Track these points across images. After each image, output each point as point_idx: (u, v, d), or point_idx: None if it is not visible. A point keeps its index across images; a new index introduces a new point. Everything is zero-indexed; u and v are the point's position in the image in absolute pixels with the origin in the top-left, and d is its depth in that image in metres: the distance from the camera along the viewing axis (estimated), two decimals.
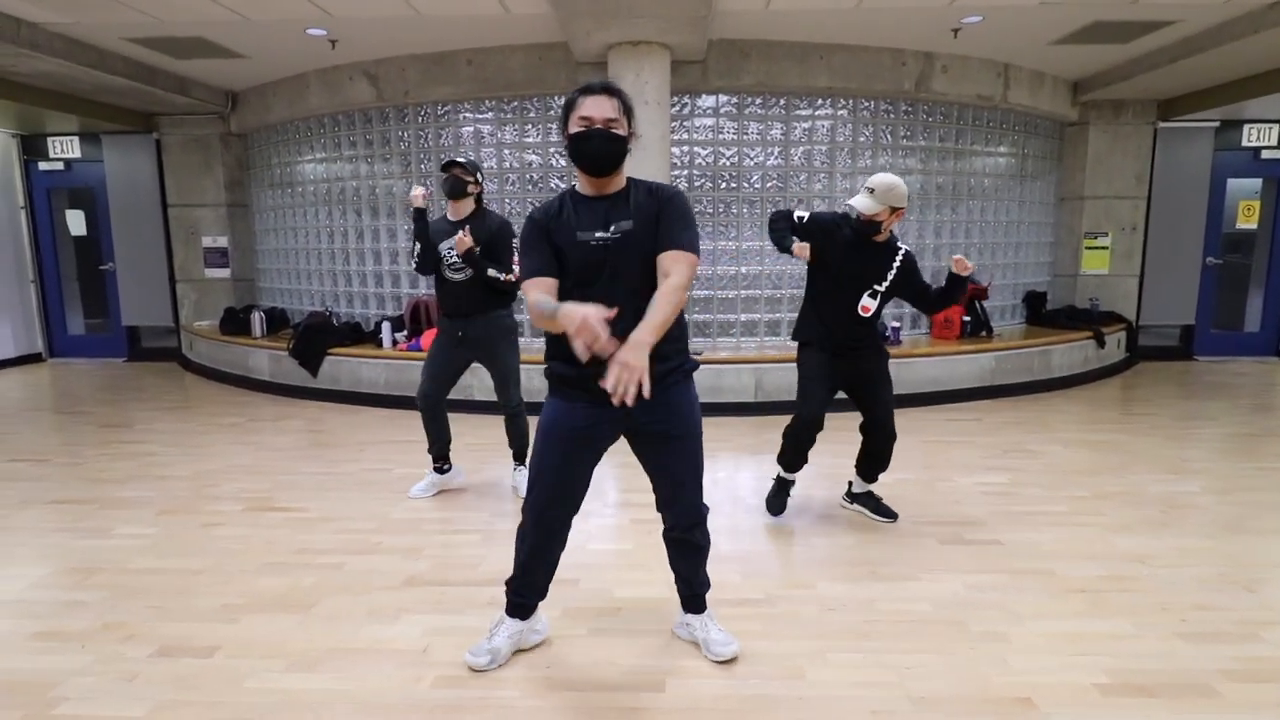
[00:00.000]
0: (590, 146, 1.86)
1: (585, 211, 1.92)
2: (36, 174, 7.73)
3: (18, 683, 2.06)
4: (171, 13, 4.70)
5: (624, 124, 1.89)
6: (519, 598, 2.13)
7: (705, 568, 2.21)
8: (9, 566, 2.83)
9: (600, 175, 1.90)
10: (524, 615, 2.15)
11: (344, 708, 1.92)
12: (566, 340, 1.71)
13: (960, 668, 2.09)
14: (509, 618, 2.13)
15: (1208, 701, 1.94)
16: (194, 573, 2.75)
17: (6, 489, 3.76)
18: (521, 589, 2.13)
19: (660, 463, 2.04)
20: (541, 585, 2.15)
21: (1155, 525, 3.18)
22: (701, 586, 2.22)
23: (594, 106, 1.86)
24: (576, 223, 1.90)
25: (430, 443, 3.56)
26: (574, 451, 1.98)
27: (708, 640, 2.16)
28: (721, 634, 2.17)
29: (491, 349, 3.44)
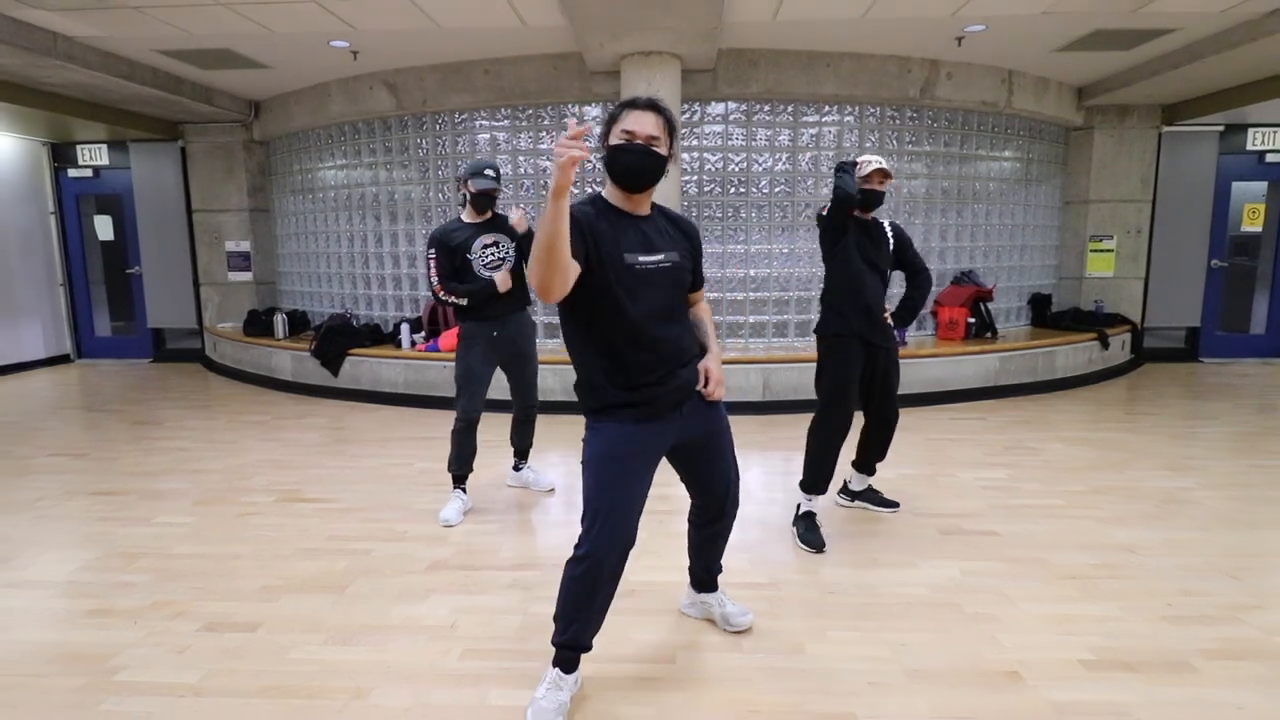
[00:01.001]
0: (630, 160, 1.83)
1: (624, 227, 1.87)
2: (66, 181, 7.98)
3: (78, 654, 2.23)
4: (201, 26, 4.90)
5: (665, 142, 1.87)
6: (575, 652, 1.96)
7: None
8: (60, 550, 3.02)
9: (636, 190, 1.88)
10: (575, 667, 1.97)
11: (379, 676, 2.08)
12: (621, 366, 1.85)
13: (953, 645, 2.23)
14: (565, 674, 1.95)
15: (1186, 677, 2.07)
16: (233, 557, 2.92)
17: (50, 480, 3.96)
18: (581, 642, 1.95)
19: (711, 464, 2.07)
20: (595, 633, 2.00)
21: (1149, 518, 3.30)
22: (719, 569, 2.36)
23: (638, 121, 1.83)
24: (618, 239, 1.84)
25: (461, 462, 3.42)
26: (645, 473, 1.93)
27: (725, 614, 2.31)
28: (737, 607, 2.34)
29: (523, 347, 3.47)
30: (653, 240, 1.90)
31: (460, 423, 3.38)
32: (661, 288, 1.89)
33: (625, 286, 1.83)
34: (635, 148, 1.83)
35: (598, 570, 1.85)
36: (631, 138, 1.83)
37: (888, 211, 6.07)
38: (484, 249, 3.36)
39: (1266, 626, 2.34)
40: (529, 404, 3.60)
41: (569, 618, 1.91)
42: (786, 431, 4.78)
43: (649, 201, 1.95)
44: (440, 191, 6.34)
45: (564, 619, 1.92)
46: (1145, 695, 1.98)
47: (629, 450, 1.89)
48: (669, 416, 1.92)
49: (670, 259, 1.90)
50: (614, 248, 1.82)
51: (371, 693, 2.01)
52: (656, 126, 1.84)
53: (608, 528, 1.85)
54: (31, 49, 4.87)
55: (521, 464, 3.79)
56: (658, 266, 1.87)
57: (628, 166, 1.84)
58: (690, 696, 2.00)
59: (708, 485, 2.12)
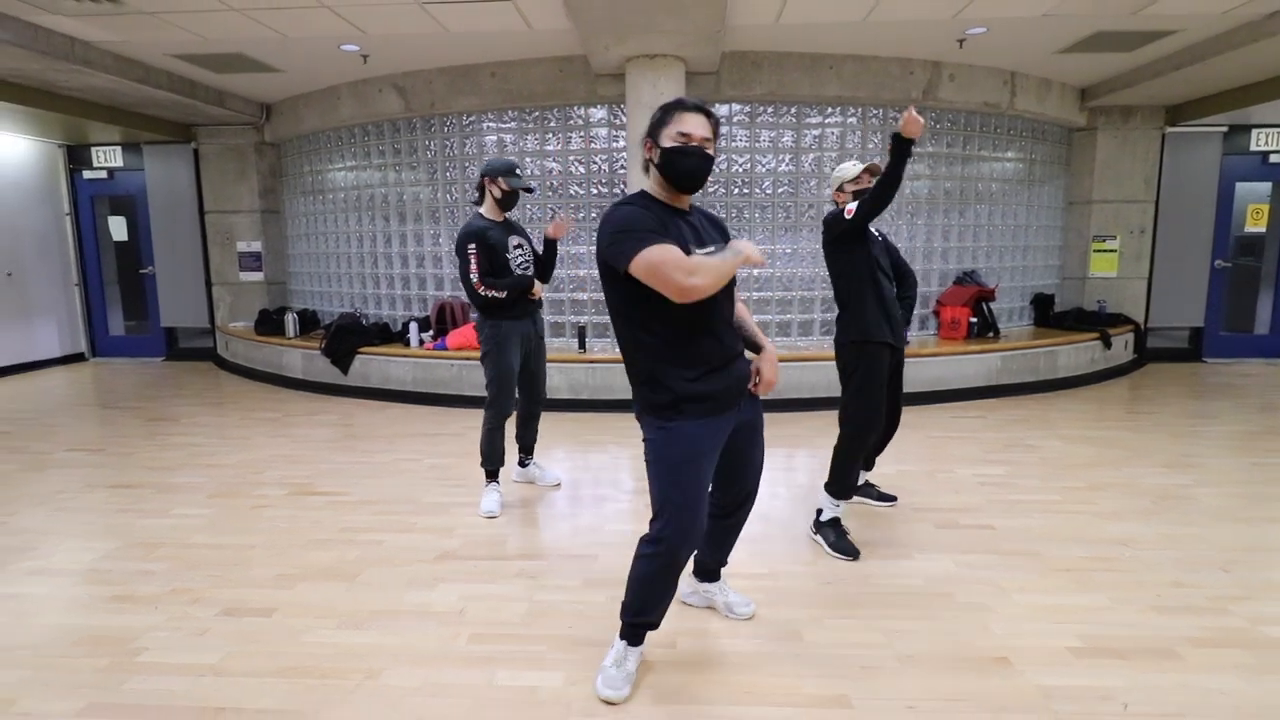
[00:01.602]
0: (690, 164, 1.89)
1: (676, 222, 1.93)
2: (81, 182, 8.13)
3: (102, 637, 2.33)
4: (215, 31, 5.01)
5: (713, 145, 1.94)
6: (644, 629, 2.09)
7: None
8: (81, 540, 3.12)
9: (692, 191, 1.96)
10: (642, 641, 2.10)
11: (390, 658, 2.17)
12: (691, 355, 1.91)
13: (945, 632, 2.30)
14: (632, 646, 2.07)
15: (1170, 663, 2.13)
16: (248, 547, 3.01)
17: (70, 474, 4.06)
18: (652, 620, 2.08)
19: (749, 453, 2.12)
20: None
21: (1144, 514, 3.35)
22: (726, 560, 2.40)
23: (694, 124, 1.89)
24: (677, 234, 1.90)
25: (496, 458, 3.48)
26: (712, 466, 2.00)
27: (729, 603, 2.40)
28: (740, 596, 2.43)
29: (539, 344, 3.53)
30: (700, 233, 1.97)
31: (495, 421, 3.43)
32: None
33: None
34: (694, 150, 1.88)
35: (672, 559, 1.95)
36: (688, 140, 1.88)
37: (891, 211, 6.13)
38: (515, 249, 3.41)
39: (1253, 617, 2.40)
40: (538, 399, 3.66)
41: (642, 597, 2.02)
42: (788, 430, 4.84)
43: (689, 198, 2.02)
44: (448, 192, 6.43)
45: (637, 598, 2.03)
46: (1131, 680, 2.04)
47: (707, 449, 1.96)
48: (736, 406, 2.01)
49: (718, 251, 1.93)
50: (679, 241, 1.87)
51: (383, 673, 2.09)
52: (707, 128, 1.91)
53: (683, 522, 1.93)
54: (50, 54, 4.99)
55: (527, 460, 3.84)
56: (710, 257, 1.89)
57: (689, 171, 1.90)
58: (690, 679, 2.07)
59: (742, 476, 2.14)
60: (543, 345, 3.60)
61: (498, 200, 3.37)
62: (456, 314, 6.30)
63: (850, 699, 1.97)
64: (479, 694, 2.00)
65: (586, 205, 6.09)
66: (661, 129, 1.91)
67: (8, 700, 2.00)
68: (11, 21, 4.65)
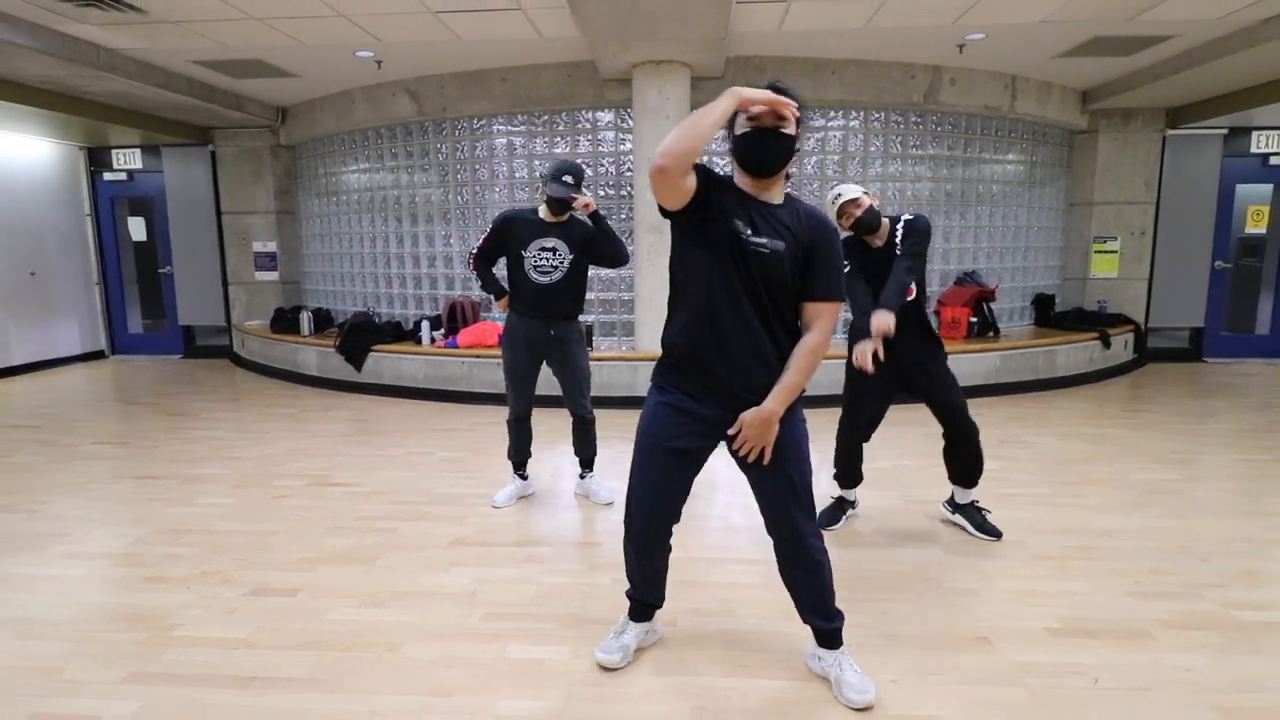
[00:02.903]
0: (760, 145, 1.79)
1: (747, 205, 1.83)
2: (101, 184, 8.34)
3: (138, 614, 2.49)
4: (236, 39, 5.19)
5: (794, 128, 1.81)
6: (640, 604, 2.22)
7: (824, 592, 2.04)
8: (114, 527, 3.29)
9: (764, 175, 1.83)
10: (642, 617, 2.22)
11: (408, 634, 2.32)
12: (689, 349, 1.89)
13: (929, 614, 2.43)
14: (632, 621, 2.21)
15: (1142, 643, 2.26)
16: (271, 533, 3.18)
17: (97, 466, 4.24)
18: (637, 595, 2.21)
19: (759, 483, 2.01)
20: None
21: (1130, 506, 3.47)
22: (823, 619, 2.06)
23: (783, 111, 1.76)
24: (736, 210, 1.81)
25: (514, 450, 3.57)
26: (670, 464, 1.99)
27: (840, 680, 1.98)
28: (858, 676, 1.98)
29: (569, 349, 3.36)
30: (771, 224, 1.82)
31: (509, 416, 3.49)
32: (756, 275, 1.81)
33: (728, 249, 1.80)
34: (761, 131, 1.78)
35: (627, 533, 2.09)
36: (757, 122, 1.78)
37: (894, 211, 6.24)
38: (540, 251, 3.27)
39: (1225, 602, 2.52)
40: (577, 411, 3.48)
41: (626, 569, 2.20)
42: None
43: (779, 189, 1.88)
44: (459, 194, 6.59)
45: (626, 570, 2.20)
46: (1102, 658, 2.17)
47: (660, 437, 1.95)
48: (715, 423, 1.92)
49: (774, 246, 1.80)
50: (730, 214, 1.81)
51: (402, 647, 2.24)
52: (787, 107, 1.76)
53: (629, 500, 2.04)
54: (76, 60, 5.18)
55: (584, 473, 3.66)
56: (760, 248, 1.80)
57: (755, 154, 1.81)
58: (689, 653, 2.22)
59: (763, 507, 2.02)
60: (571, 354, 3.38)
61: (546, 203, 3.31)
62: (467, 313, 6.46)
63: None
64: (491, 665, 2.14)
65: None
66: (737, 116, 1.82)
67: (55, 669, 2.16)
68: (42, 30, 4.84)
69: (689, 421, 1.93)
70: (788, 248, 1.81)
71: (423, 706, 1.96)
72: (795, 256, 1.82)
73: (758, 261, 1.80)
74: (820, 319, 1.85)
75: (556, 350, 3.38)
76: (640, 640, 2.22)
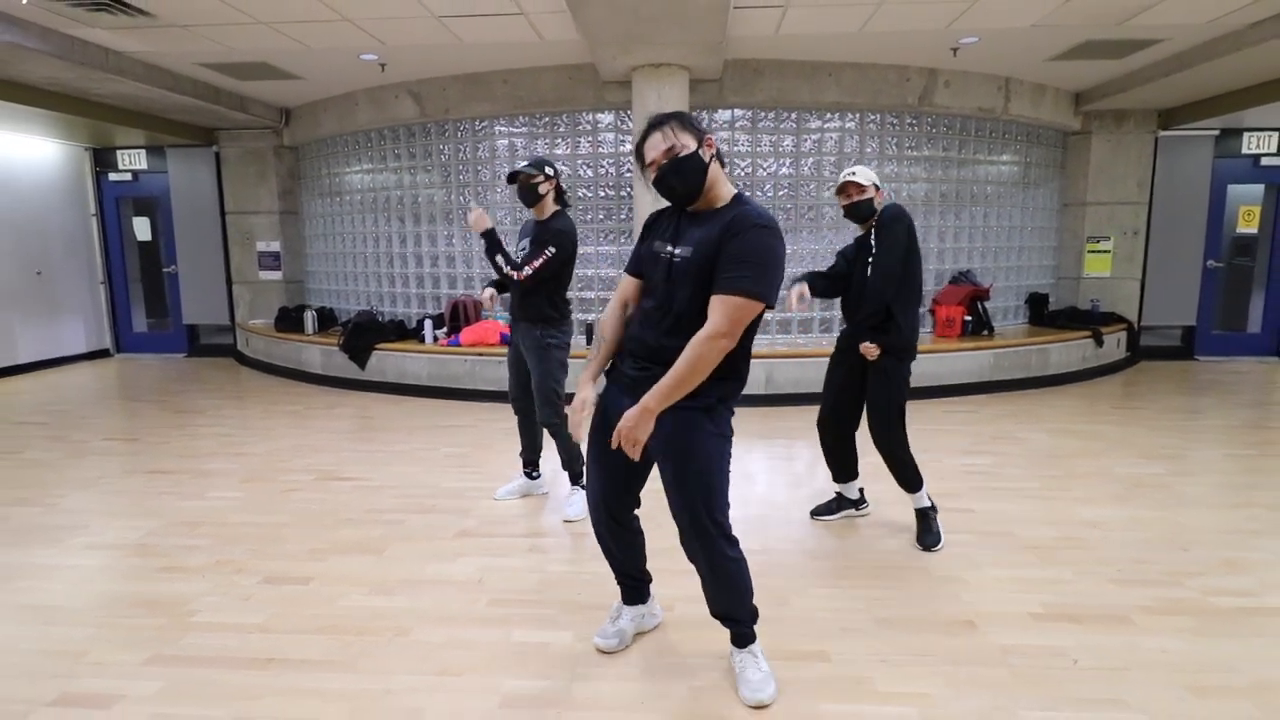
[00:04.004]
0: (664, 186, 1.88)
1: (678, 222, 1.93)
2: (106, 184, 8.43)
3: (157, 601, 2.58)
4: (242, 42, 5.27)
5: (689, 140, 1.83)
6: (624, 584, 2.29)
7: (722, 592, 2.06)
8: (129, 519, 3.38)
9: (685, 204, 1.91)
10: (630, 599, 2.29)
11: (417, 619, 2.42)
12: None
13: (918, 600, 2.53)
14: (624, 605, 2.29)
15: (1121, 627, 2.36)
16: (281, 525, 3.27)
17: (109, 461, 4.34)
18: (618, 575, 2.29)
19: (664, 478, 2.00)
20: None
21: (1115, 499, 3.57)
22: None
23: (650, 149, 1.86)
24: (662, 229, 1.97)
25: (523, 447, 3.62)
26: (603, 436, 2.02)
27: (741, 677, 2.03)
28: (759, 675, 2.02)
29: (528, 354, 3.31)
30: (693, 234, 1.86)
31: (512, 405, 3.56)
32: (670, 285, 1.86)
33: (647, 272, 1.98)
34: (661, 170, 1.85)
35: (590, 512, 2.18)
36: (654, 168, 1.87)
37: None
38: (520, 247, 3.38)
39: (1204, 589, 2.62)
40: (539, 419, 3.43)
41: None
42: (788, 423, 5.07)
43: (714, 198, 1.89)
44: (461, 195, 6.68)
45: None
46: (1082, 641, 2.27)
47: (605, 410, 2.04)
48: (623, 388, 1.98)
49: (682, 254, 1.85)
50: (653, 238, 1.97)
51: (412, 631, 2.34)
52: (668, 138, 1.83)
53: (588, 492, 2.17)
54: (85, 64, 5.27)
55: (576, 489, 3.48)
56: (670, 257, 1.88)
57: (668, 191, 1.89)
58: (685, 637, 2.32)
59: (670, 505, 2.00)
60: (534, 356, 3.29)
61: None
62: (469, 311, 6.56)
63: (829, 654, 2.21)
64: (497, 648, 2.24)
65: (594, 207, 6.33)
66: (645, 172, 1.92)
67: (81, 652, 2.25)
68: (52, 34, 4.93)
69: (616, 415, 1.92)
70: (696, 253, 1.81)
71: (433, 685, 2.06)
72: (706, 257, 1.80)
73: (671, 269, 1.87)
74: (714, 312, 1.77)
75: (517, 350, 3.40)
76: (638, 624, 2.30)
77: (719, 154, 1.91)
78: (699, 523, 1.93)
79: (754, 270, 1.74)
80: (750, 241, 1.75)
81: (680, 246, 1.86)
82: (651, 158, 1.86)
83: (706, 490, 1.92)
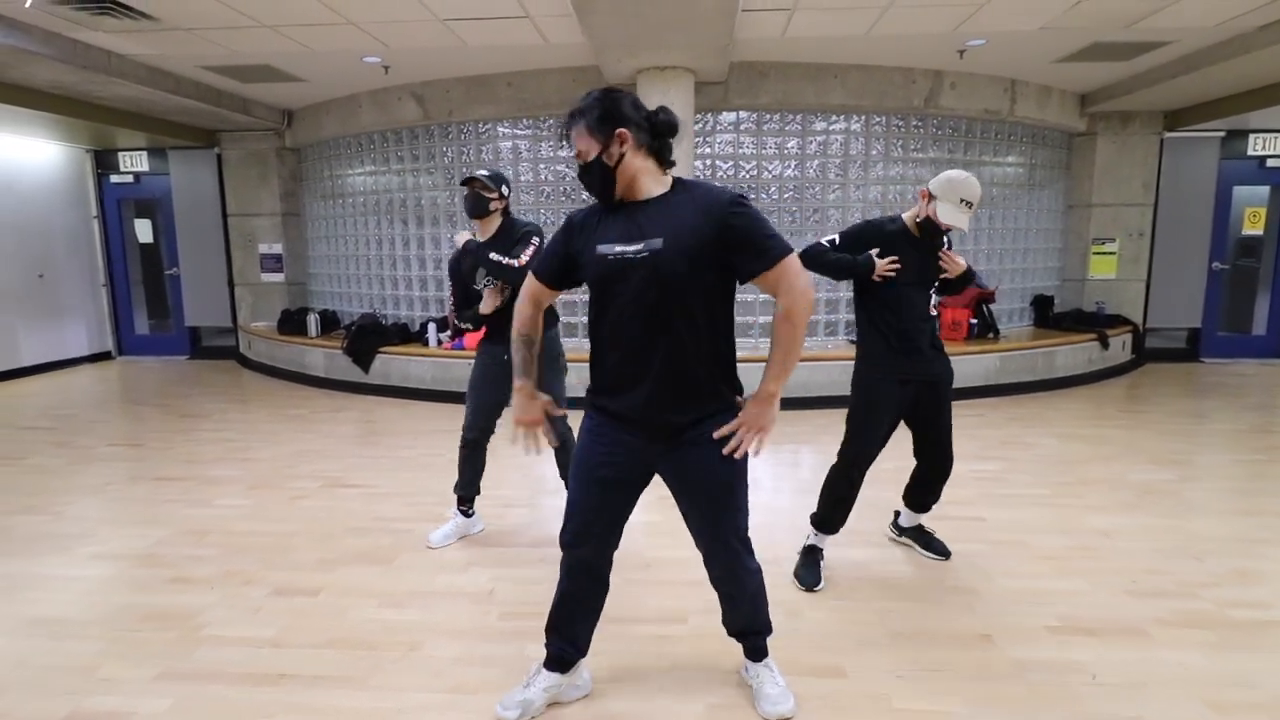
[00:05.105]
0: (586, 183, 1.79)
1: (617, 219, 1.74)
2: (108, 186, 8.40)
3: (166, 614, 2.57)
4: (246, 45, 5.25)
5: (593, 144, 1.72)
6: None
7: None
8: (135, 528, 3.37)
9: (607, 201, 1.78)
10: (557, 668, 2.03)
11: (429, 633, 2.40)
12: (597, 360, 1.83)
13: (932, 612, 2.52)
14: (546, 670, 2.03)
15: (1139, 640, 2.34)
16: (290, 534, 3.25)
17: (114, 468, 4.32)
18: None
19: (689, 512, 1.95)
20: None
21: (1127, 507, 3.55)
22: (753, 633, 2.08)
23: (575, 142, 1.77)
24: (605, 233, 1.74)
25: (462, 482, 3.19)
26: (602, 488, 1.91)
27: (759, 692, 2.01)
28: (777, 689, 2.00)
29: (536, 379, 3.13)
30: (644, 227, 1.70)
31: (461, 438, 3.17)
32: (636, 288, 1.69)
33: (594, 283, 1.77)
34: (581, 170, 1.78)
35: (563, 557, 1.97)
36: (579, 159, 1.78)
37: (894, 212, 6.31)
38: (485, 278, 3.03)
39: (1220, 601, 2.60)
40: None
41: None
42: (794, 427, 5.05)
43: (648, 185, 1.75)
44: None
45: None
46: (1100, 655, 2.25)
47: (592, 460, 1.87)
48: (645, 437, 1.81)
49: (651, 246, 1.67)
50: (591, 244, 1.76)
51: (424, 645, 2.32)
52: (582, 135, 1.73)
53: (565, 519, 1.91)
54: (88, 67, 5.24)
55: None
56: (633, 257, 1.69)
57: (589, 189, 1.79)
58: (700, 649, 2.30)
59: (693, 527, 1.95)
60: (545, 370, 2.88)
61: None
62: None
63: (845, 669, 2.19)
64: (511, 663, 2.22)
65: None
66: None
67: (91, 667, 2.24)
68: (55, 38, 4.90)
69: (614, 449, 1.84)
70: (677, 240, 1.67)
71: (447, 704, 2.04)
72: (684, 247, 1.67)
73: (657, 262, 1.67)
74: (782, 278, 1.65)
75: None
76: (553, 695, 2.01)
77: (647, 140, 1.73)
78: (730, 544, 1.92)
79: (773, 234, 1.68)
80: (748, 218, 1.66)
81: (644, 241, 1.68)
82: (580, 149, 1.77)
83: (737, 511, 1.90)
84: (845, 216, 6.28)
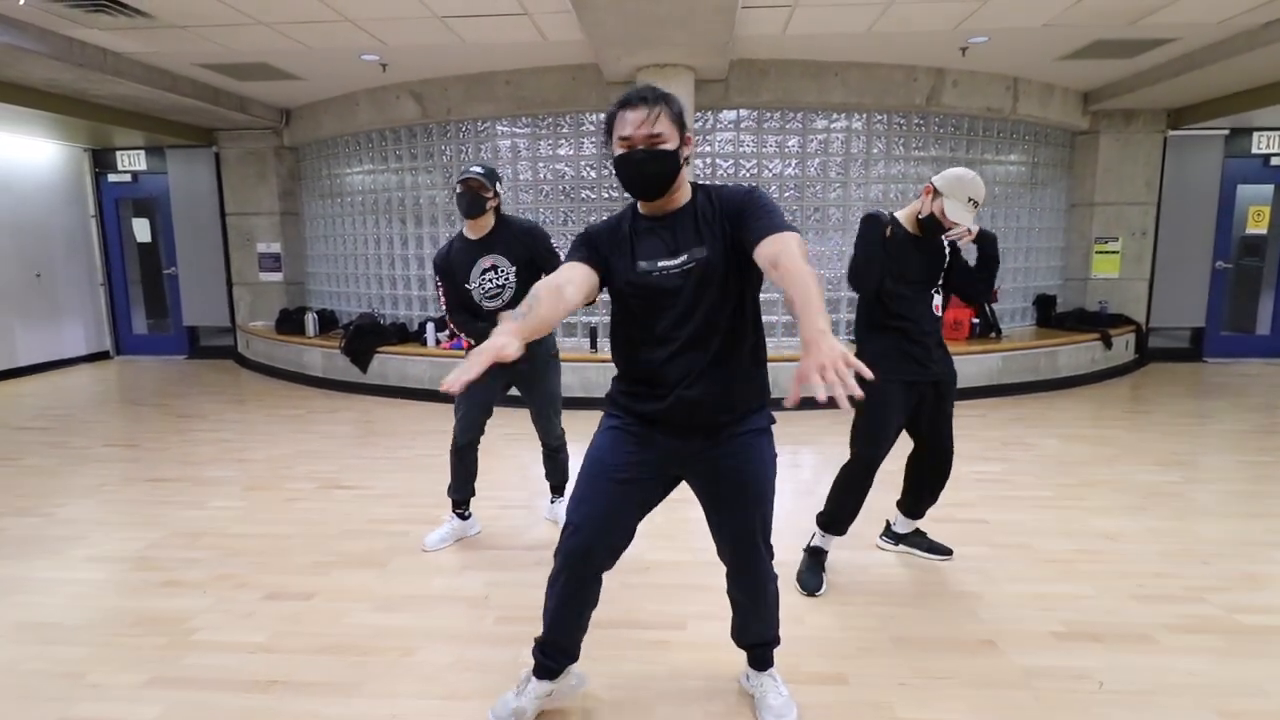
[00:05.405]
0: (628, 171, 1.65)
1: (649, 236, 1.71)
2: (106, 185, 8.37)
3: (158, 618, 2.53)
4: (242, 43, 5.21)
5: (674, 134, 1.63)
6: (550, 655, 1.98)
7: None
8: (128, 530, 3.33)
9: (651, 200, 1.70)
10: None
11: (424, 638, 2.36)
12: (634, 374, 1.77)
13: (935, 618, 2.47)
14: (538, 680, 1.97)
15: (1146, 646, 2.30)
16: (284, 537, 3.21)
17: (108, 469, 4.28)
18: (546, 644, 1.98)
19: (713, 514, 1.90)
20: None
21: (1132, 509, 3.51)
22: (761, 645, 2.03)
23: (633, 123, 1.61)
24: (639, 249, 1.70)
25: (456, 486, 3.17)
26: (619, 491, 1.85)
27: (762, 703, 1.97)
28: (780, 700, 1.95)
29: (532, 375, 3.05)
30: (680, 241, 1.69)
31: (452, 445, 3.13)
32: (688, 297, 1.67)
33: (640, 298, 1.70)
34: (637, 154, 1.63)
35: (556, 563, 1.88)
36: (630, 144, 1.63)
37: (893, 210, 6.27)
38: (482, 274, 2.96)
39: (1228, 606, 2.55)
40: (545, 441, 3.24)
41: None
42: (794, 428, 4.99)
43: (679, 197, 1.72)
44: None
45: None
46: (1107, 662, 2.21)
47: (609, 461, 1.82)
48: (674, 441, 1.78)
49: (696, 256, 1.66)
50: (629, 262, 1.70)
51: (418, 651, 2.28)
52: (650, 121, 1.61)
53: (565, 533, 1.83)
54: (84, 65, 5.20)
55: (555, 498, 3.37)
56: (682, 269, 1.67)
57: (633, 178, 1.66)
58: (699, 657, 2.26)
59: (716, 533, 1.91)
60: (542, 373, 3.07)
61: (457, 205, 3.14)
62: None
63: (847, 676, 2.15)
64: (507, 670, 2.18)
65: (597, 209, 6.27)
66: (612, 141, 1.68)
67: (79, 674, 2.20)
68: (50, 35, 4.86)
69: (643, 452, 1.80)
70: (718, 247, 1.66)
71: (440, 710, 2.00)
72: (722, 249, 1.66)
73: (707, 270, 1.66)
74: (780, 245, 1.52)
75: (518, 376, 3.03)
76: (542, 704, 1.96)
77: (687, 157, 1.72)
78: (757, 549, 1.86)
79: (780, 216, 1.62)
80: (759, 200, 1.64)
81: (687, 252, 1.67)
82: (629, 133, 1.62)
83: (765, 516, 1.85)
84: (846, 215, 6.24)
